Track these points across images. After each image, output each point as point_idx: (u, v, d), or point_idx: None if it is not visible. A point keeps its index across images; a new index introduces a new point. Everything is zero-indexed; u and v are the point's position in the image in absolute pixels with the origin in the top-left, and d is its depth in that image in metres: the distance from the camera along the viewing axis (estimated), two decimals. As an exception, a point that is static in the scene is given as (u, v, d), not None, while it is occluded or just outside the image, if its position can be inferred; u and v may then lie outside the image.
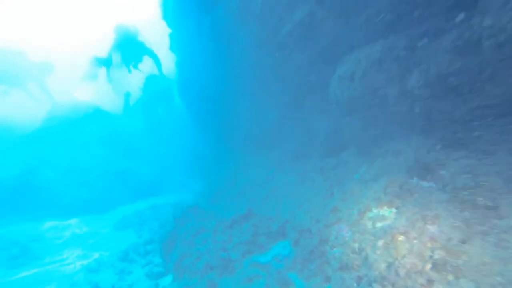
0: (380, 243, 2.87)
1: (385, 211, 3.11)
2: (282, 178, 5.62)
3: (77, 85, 13.81)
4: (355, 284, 2.93)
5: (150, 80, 14.57)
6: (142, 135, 13.64)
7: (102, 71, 12.85)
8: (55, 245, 6.07)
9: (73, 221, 7.78)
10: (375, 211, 3.21)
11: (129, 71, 12.93)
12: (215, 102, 8.81)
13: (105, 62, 12.35)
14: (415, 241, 2.61)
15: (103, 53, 12.27)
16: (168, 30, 12.92)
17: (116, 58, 12.31)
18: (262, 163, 6.44)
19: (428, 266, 2.37)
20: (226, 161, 7.77)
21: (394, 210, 3.05)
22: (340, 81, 4.52)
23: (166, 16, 12.34)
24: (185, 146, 13.21)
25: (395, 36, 3.85)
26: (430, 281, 2.31)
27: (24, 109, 14.34)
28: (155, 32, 13.85)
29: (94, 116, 13.96)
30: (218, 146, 8.83)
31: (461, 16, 3.08)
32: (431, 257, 2.41)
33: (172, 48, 12.99)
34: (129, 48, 12.28)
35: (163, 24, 12.88)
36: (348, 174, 4.73)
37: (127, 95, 14.32)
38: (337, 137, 5.88)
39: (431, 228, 2.58)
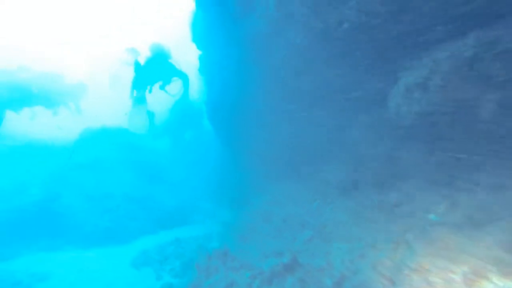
0: None
1: (516, 284, 1.98)
2: (329, 214, 4.56)
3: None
4: None
5: (178, 102, 14.23)
6: (168, 160, 13.13)
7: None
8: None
9: (90, 253, 7.08)
10: (497, 281, 2.09)
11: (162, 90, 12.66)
12: (246, 126, 8.05)
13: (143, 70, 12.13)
14: None
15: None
16: (197, 52, 12.68)
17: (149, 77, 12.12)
18: (301, 195, 5.43)
19: None
20: (259, 190, 6.83)
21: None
22: (407, 93, 3.54)
23: (195, 37, 12.10)
24: (214, 172, 12.43)
25: (498, 25, 2.84)
26: None
27: (54, 131, 14.50)
28: (184, 53, 13.66)
29: (122, 137, 13.75)
30: (249, 173, 7.94)
31: None
32: None
33: (201, 70, 12.67)
34: (161, 67, 12.08)
35: (192, 46, 12.70)
36: (420, 214, 3.60)
37: (151, 114, 13.98)
38: (393, 164, 4.79)
39: None
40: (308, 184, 5.64)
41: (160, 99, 12.57)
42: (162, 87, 12.56)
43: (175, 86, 13.53)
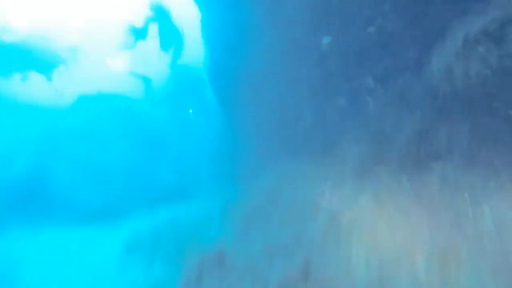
0: None
1: None
2: (347, 201, 3.86)
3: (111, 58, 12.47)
4: None
5: (179, 68, 13.20)
6: (167, 129, 12.39)
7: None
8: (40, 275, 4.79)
9: (78, 232, 6.58)
10: None
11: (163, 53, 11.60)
12: (252, 94, 7.19)
13: (141, 34, 11.07)
14: None
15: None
16: (199, 15, 11.47)
17: (150, 35, 11.04)
18: (314, 175, 4.71)
19: None
20: (266, 166, 6.11)
21: None
22: (466, 48, 2.62)
23: None
24: (216, 144, 11.70)
25: None
26: None
27: (46, 98, 13.68)
28: (185, 16, 12.40)
29: (118, 104, 12.97)
30: (256, 146, 7.19)
31: None
32: None
33: (203, 34, 11.54)
34: (162, 29, 10.98)
35: (195, 8, 11.47)
36: (473, 201, 2.88)
37: (147, 80, 13.03)
38: (425, 142, 4.01)
39: None
40: (321, 163, 4.89)
41: (158, 65, 11.55)
42: (165, 49, 11.48)
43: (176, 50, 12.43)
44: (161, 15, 10.85)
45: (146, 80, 12.87)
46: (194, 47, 12.80)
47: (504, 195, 2.80)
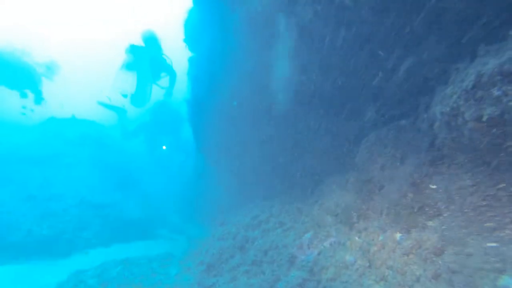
0: None
1: None
2: (330, 255, 3.37)
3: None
4: None
5: (158, 102, 12.85)
6: (138, 163, 11.64)
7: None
8: None
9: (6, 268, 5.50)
10: None
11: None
12: (230, 138, 6.86)
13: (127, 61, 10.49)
14: None
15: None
16: (188, 53, 11.52)
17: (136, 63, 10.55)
18: (292, 224, 4.23)
19: None
20: (237, 209, 5.56)
21: None
22: (480, 88, 2.44)
23: (188, 38, 10.95)
24: (188, 183, 11.01)
25: None
26: None
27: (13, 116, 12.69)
28: (172, 52, 12.42)
29: (90, 131, 12.20)
30: (228, 189, 6.68)
31: None
32: None
33: (189, 73, 11.51)
34: (151, 59, 10.66)
35: (183, 46, 11.56)
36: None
37: (121, 111, 12.45)
38: (419, 194, 3.74)
39: None
40: (301, 208, 4.45)
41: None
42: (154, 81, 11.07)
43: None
44: (150, 45, 10.65)
45: (120, 110, 12.34)
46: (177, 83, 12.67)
47: None
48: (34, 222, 7.09)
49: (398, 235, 2.94)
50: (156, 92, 12.12)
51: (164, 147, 13.59)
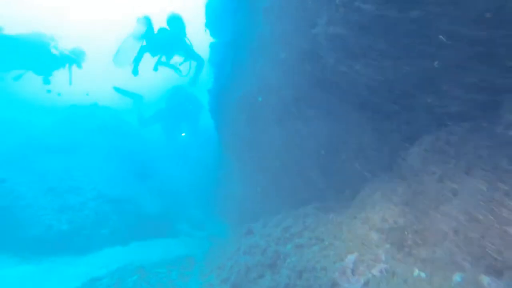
0: None
1: None
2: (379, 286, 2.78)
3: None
4: None
5: (176, 88, 12.36)
6: (157, 154, 11.31)
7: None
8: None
9: (24, 267, 5.29)
10: None
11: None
12: (254, 133, 6.27)
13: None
14: None
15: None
16: (209, 39, 10.86)
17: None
18: (332, 241, 3.65)
19: None
20: (262, 215, 5.02)
21: None
22: None
23: (209, 22, 10.24)
24: (208, 177, 10.60)
25: None
26: None
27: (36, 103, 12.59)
28: (195, 36, 11.74)
29: (109, 120, 11.97)
30: (254, 187, 6.15)
31: None
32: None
33: (211, 60, 10.91)
34: (175, 43, 10.00)
35: (204, 31, 10.88)
36: None
37: (137, 98, 12.03)
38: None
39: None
40: (340, 223, 3.84)
41: (154, 83, 10.66)
42: (175, 68, 10.42)
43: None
44: (175, 27, 9.94)
45: (136, 96, 11.94)
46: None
47: None
48: (53, 216, 6.89)
49: (485, 279, 2.28)
50: (171, 77, 11.60)
51: (183, 134, 13.20)
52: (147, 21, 9.89)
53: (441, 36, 3.18)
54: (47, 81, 11.93)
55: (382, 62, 3.58)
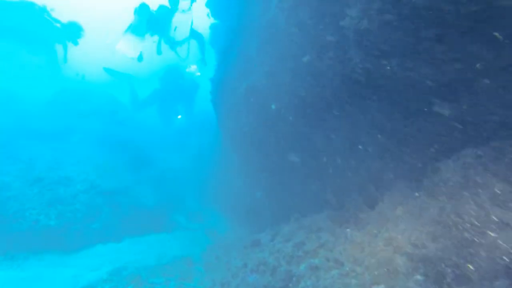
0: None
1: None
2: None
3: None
4: None
5: (170, 68, 11.68)
6: (152, 140, 10.74)
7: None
8: None
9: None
10: None
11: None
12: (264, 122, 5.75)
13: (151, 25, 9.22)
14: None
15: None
16: (210, 20, 10.06)
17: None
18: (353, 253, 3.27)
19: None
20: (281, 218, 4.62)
21: None
22: None
23: (210, 1, 9.43)
24: (206, 167, 10.16)
25: None
26: None
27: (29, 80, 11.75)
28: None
29: (104, 104, 11.32)
30: (257, 186, 5.71)
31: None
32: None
33: (212, 42, 10.19)
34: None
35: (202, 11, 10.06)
36: None
37: (130, 78, 11.39)
38: None
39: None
40: (361, 244, 3.44)
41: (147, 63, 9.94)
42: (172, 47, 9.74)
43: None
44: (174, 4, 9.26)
45: (128, 77, 11.27)
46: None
47: None
48: (41, 210, 6.42)
49: None
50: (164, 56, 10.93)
51: (179, 116, 12.63)
52: (145, 8, 9.21)
53: (496, 33, 2.68)
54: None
55: (425, 61, 3.07)
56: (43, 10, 10.17)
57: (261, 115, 4.96)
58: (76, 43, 10.59)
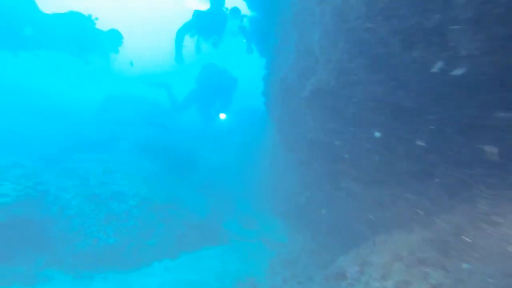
0: None
1: None
2: None
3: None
4: None
5: (206, 66, 11.29)
6: (197, 145, 10.41)
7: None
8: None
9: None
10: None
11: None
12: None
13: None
14: None
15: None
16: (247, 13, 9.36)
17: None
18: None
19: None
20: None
21: None
22: None
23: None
24: (257, 164, 9.63)
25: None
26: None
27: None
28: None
29: (149, 110, 11.26)
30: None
31: None
32: None
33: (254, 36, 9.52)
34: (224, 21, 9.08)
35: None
36: None
37: (167, 86, 11.24)
38: None
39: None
40: (426, 273, 2.66)
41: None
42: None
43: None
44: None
45: (165, 85, 11.17)
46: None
47: None
48: (100, 227, 6.34)
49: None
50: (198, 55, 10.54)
51: (223, 116, 12.10)
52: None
53: None
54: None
55: None
56: (89, 19, 10.19)
57: (332, 120, 4.24)
58: (117, 51, 10.54)
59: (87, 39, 10.05)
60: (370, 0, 3.01)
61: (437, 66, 2.79)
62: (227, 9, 9.02)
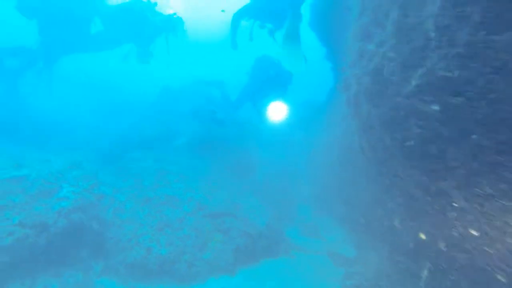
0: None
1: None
2: None
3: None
4: None
5: (259, 59, 10.32)
6: (254, 143, 9.55)
7: None
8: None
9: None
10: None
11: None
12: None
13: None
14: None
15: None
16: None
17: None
18: None
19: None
20: None
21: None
22: None
23: None
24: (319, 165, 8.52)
25: None
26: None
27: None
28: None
29: (204, 106, 10.71)
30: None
31: None
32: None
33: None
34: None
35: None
36: None
37: (220, 84, 10.51)
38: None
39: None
40: None
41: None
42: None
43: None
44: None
45: (218, 83, 10.52)
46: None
47: None
48: (153, 236, 5.90)
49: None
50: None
51: (282, 111, 10.99)
52: None
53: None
54: (144, 59, 10.87)
55: None
56: (148, 4, 9.87)
57: (445, 125, 2.97)
58: (177, 36, 10.16)
59: (150, 27, 9.79)
60: None
61: None
62: None
